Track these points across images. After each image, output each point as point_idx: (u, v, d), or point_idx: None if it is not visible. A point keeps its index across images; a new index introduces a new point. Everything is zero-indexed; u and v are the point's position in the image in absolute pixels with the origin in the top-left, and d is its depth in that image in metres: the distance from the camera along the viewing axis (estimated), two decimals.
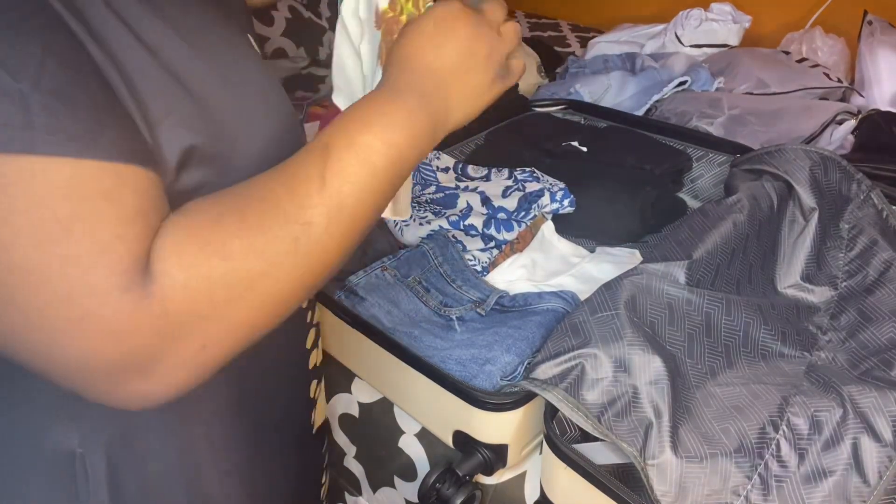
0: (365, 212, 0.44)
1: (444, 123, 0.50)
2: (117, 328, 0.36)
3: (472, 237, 0.95)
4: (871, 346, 0.70)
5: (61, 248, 0.34)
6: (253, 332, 0.41)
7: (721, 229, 0.76)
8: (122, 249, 0.36)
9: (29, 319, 0.35)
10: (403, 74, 0.49)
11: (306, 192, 0.41)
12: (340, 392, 0.86)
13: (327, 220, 0.41)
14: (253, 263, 0.39)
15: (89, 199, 0.35)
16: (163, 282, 0.37)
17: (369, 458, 0.85)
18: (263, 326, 0.42)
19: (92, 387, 0.38)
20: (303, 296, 0.44)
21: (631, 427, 0.57)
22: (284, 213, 0.40)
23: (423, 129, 0.47)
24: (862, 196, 0.84)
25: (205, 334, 0.38)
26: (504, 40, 0.53)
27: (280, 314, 0.43)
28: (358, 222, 0.44)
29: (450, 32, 0.50)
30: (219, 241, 0.39)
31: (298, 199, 0.41)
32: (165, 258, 0.37)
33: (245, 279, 0.39)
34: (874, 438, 0.58)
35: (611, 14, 2.05)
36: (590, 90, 1.39)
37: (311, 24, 1.87)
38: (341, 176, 0.42)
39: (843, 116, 1.19)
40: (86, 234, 0.35)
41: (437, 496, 0.66)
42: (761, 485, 0.56)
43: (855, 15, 1.46)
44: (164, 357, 0.38)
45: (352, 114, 0.46)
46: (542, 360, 0.63)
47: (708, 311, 0.69)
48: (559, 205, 0.98)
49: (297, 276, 0.41)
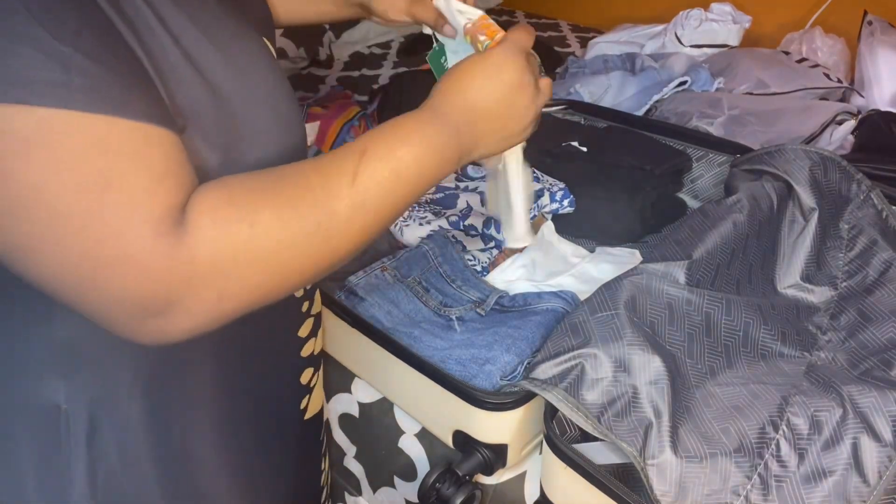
0: (384, 214, 0.48)
1: (468, 155, 0.54)
2: (148, 268, 0.40)
3: (472, 237, 0.95)
4: (871, 345, 0.70)
5: (100, 196, 0.38)
6: (264, 296, 0.45)
7: (721, 229, 0.76)
8: (156, 200, 0.40)
9: (71, 259, 0.39)
10: (446, 104, 0.53)
11: (338, 184, 0.46)
12: (340, 392, 0.86)
13: (351, 213, 0.46)
14: (278, 235, 0.43)
15: (124, 154, 0.39)
16: (195, 234, 0.41)
17: (369, 458, 0.85)
18: (274, 293, 0.46)
19: (120, 320, 0.42)
20: (312, 275, 0.48)
21: (631, 427, 0.57)
22: (314, 198, 0.45)
23: (451, 157, 0.52)
24: (862, 196, 0.84)
25: (222, 288, 0.43)
26: (542, 94, 0.58)
27: (290, 286, 0.47)
28: (376, 221, 0.48)
29: (496, 77, 0.54)
30: (252, 209, 0.43)
31: (329, 189, 0.45)
32: (201, 214, 0.42)
33: (267, 248, 0.43)
34: (874, 438, 0.58)
35: (611, 14, 2.05)
36: (590, 90, 1.39)
37: (310, 24, 1.87)
38: (372, 179, 0.47)
39: (842, 116, 1.19)
40: (122, 184, 0.39)
41: (436, 496, 0.66)
42: (761, 485, 0.56)
43: (855, 15, 1.46)
44: (183, 300, 0.42)
45: (393, 128, 0.50)
46: (541, 359, 0.63)
47: (708, 311, 0.69)
48: (559, 205, 0.98)
49: (313, 255, 0.46)
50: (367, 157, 0.47)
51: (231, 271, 0.42)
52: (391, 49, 2.01)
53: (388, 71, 1.84)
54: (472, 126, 0.53)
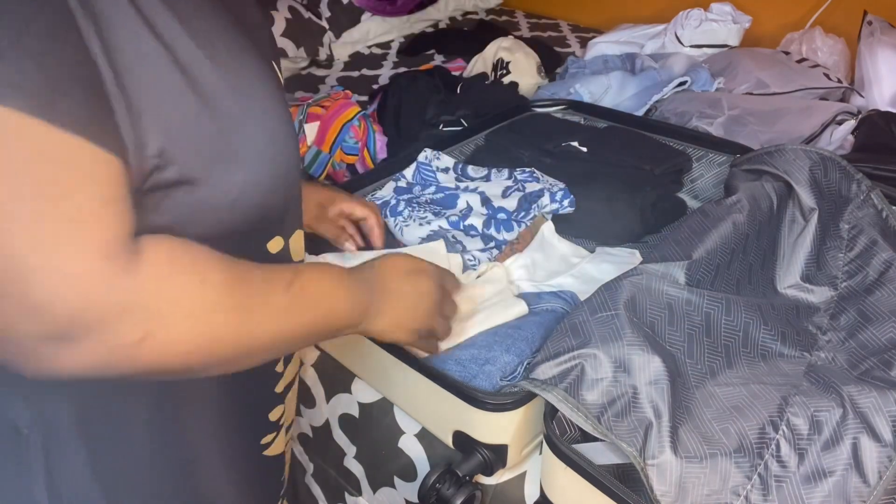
0: (292, 329, 0.52)
1: (368, 326, 0.60)
2: (87, 285, 0.38)
3: (472, 237, 0.95)
4: (871, 346, 0.70)
5: (47, 204, 0.37)
6: (182, 362, 0.44)
7: (721, 229, 0.76)
8: (106, 222, 0.39)
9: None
10: (375, 280, 0.60)
11: (278, 283, 0.50)
12: (340, 392, 0.86)
13: (278, 313, 0.49)
14: (222, 300, 0.44)
15: (75, 169, 0.38)
16: (149, 267, 0.41)
17: (369, 459, 0.85)
18: (190, 365, 0.45)
19: (15, 335, 0.38)
20: (228, 356, 0.47)
21: (631, 427, 0.57)
22: (256, 288, 0.48)
23: (357, 319, 0.58)
24: (862, 196, 0.84)
25: (150, 331, 0.41)
26: (446, 320, 0.67)
27: (208, 365, 0.47)
28: (289, 332, 0.51)
29: (416, 281, 0.63)
30: (207, 267, 0.44)
31: (268, 285, 0.49)
32: (159, 252, 0.41)
33: (208, 308, 0.44)
34: (874, 438, 0.58)
35: (611, 14, 2.05)
36: (590, 90, 1.39)
37: (311, 24, 1.87)
38: (301, 294, 0.51)
39: (842, 117, 1.19)
40: (72, 198, 0.37)
41: (437, 496, 0.66)
42: (761, 485, 0.56)
43: (855, 15, 1.46)
44: (105, 329, 0.39)
45: (333, 273, 0.57)
46: (541, 360, 0.63)
47: (708, 311, 0.69)
48: (559, 205, 0.98)
49: (237, 336, 0.47)
50: (303, 278, 0.52)
51: (167, 317, 0.42)
52: (391, 49, 2.02)
53: (388, 71, 1.84)
54: (382, 305, 0.60)
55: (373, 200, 1.00)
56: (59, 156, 0.37)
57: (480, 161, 1.12)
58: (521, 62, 1.55)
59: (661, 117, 1.30)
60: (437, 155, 1.08)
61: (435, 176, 1.06)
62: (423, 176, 1.05)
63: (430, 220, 0.95)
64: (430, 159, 1.07)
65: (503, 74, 1.53)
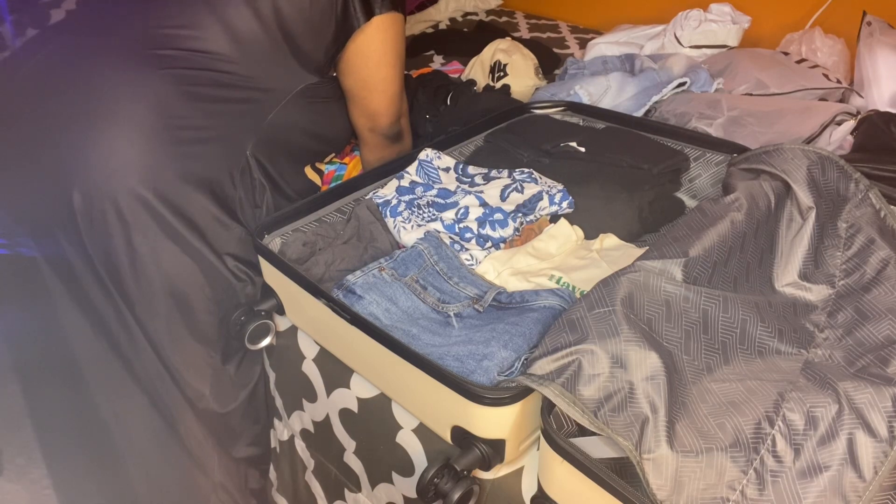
0: None
1: None
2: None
3: (467, 240, 0.95)
4: (868, 343, 0.71)
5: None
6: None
7: (719, 227, 0.76)
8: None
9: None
10: None
11: None
12: (339, 387, 0.86)
13: None
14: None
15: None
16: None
17: (368, 454, 0.86)
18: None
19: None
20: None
21: (627, 422, 0.58)
22: None
23: None
24: (860, 195, 0.84)
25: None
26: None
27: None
28: None
29: None
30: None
31: None
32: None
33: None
34: (869, 434, 0.58)
35: (610, 15, 2.05)
36: (589, 91, 1.40)
37: None
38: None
39: (842, 117, 1.19)
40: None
41: (435, 491, 0.66)
42: (757, 479, 0.56)
43: (854, 15, 1.47)
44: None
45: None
46: (539, 355, 0.63)
47: (705, 308, 0.69)
48: (558, 207, 0.98)
49: None
50: None
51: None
52: None
53: None
54: None
55: (374, 199, 1.00)
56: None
57: (480, 162, 1.12)
58: (519, 64, 1.55)
59: (661, 118, 1.30)
60: (437, 154, 1.08)
61: (438, 175, 1.06)
62: (427, 172, 1.06)
63: (430, 221, 0.96)
64: (430, 158, 1.07)
65: (500, 77, 1.53)
